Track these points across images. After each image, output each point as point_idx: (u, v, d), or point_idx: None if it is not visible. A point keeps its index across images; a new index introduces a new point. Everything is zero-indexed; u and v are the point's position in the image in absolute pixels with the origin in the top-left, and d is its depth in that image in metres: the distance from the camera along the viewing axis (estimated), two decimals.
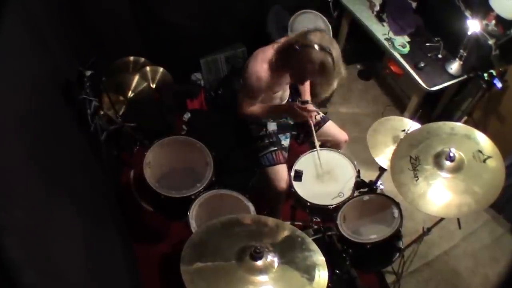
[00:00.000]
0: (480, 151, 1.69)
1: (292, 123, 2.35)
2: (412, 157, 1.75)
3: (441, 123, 1.84)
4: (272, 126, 2.27)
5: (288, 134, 2.34)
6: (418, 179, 1.70)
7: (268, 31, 2.92)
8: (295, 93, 2.36)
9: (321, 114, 2.35)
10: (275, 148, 2.20)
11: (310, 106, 2.07)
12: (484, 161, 1.67)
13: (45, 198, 1.30)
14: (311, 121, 2.12)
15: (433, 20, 2.97)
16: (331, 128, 2.35)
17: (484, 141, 1.73)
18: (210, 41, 3.13)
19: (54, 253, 1.22)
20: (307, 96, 2.26)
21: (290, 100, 2.32)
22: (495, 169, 1.66)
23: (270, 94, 2.08)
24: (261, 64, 1.91)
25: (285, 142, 2.31)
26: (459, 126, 1.82)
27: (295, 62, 1.82)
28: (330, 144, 2.35)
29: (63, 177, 1.56)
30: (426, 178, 1.69)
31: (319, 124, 2.33)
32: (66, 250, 1.33)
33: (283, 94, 2.21)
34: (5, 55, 1.28)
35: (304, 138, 2.39)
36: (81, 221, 1.62)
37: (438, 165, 1.71)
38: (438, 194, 1.66)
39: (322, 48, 1.76)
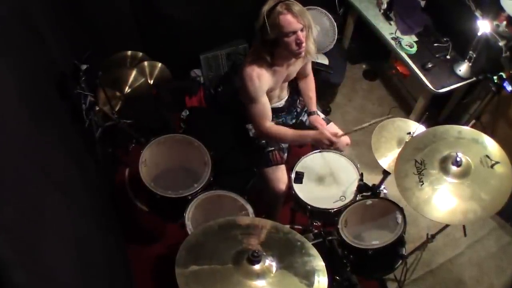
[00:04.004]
0: (487, 156, 1.69)
1: (291, 123, 2.35)
2: (418, 161, 1.75)
3: (448, 126, 1.84)
4: None
5: None
6: (423, 183, 1.70)
7: None
8: (295, 92, 2.36)
9: (322, 116, 2.35)
10: (272, 148, 2.20)
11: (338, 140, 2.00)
12: (492, 166, 1.67)
13: (36, 196, 1.30)
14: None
15: (442, 20, 2.97)
16: (332, 130, 2.34)
17: (492, 146, 1.73)
18: (210, 37, 3.13)
19: (45, 252, 1.22)
20: (313, 106, 2.27)
21: (290, 99, 2.30)
22: (503, 175, 1.65)
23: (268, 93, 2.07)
24: (249, 65, 1.92)
25: None
26: (466, 129, 1.82)
27: (272, 33, 1.82)
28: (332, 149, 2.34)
29: (55, 174, 1.56)
30: (431, 183, 1.69)
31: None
32: (57, 250, 1.33)
33: (281, 93, 2.21)
34: None
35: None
36: (73, 220, 1.62)
37: (444, 170, 1.71)
38: (444, 200, 1.66)
39: (276, 3, 1.81)
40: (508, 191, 1.62)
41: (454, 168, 1.69)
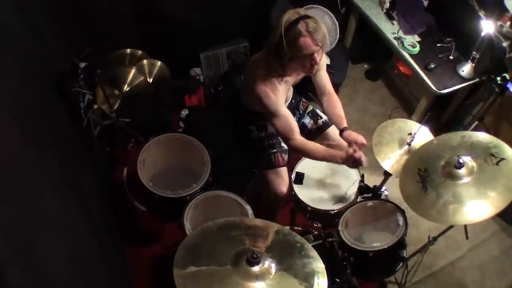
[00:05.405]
0: (492, 155, 1.69)
1: None
2: (421, 169, 1.76)
3: (451, 134, 1.84)
4: (272, 128, 2.26)
5: None
6: (426, 189, 1.70)
7: (272, 25, 2.92)
8: (298, 93, 2.35)
9: (324, 118, 2.34)
10: (275, 150, 2.20)
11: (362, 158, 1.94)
12: (497, 163, 1.66)
13: (33, 195, 1.30)
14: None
15: (445, 20, 2.97)
16: (335, 133, 2.33)
17: (496, 144, 1.72)
18: (211, 35, 3.13)
19: (42, 252, 1.22)
20: (344, 123, 2.13)
21: (293, 101, 2.30)
22: (510, 170, 1.64)
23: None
24: (262, 80, 1.91)
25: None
26: (469, 133, 1.82)
27: (289, 51, 1.80)
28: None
29: (52, 173, 1.56)
30: (435, 188, 1.69)
31: (321, 129, 2.32)
32: (54, 250, 1.33)
33: (286, 95, 2.20)
34: None
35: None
36: (71, 220, 1.62)
37: (448, 174, 1.70)
38: (450, 203, 1.65)
39: (297, 19, 1.77)
40: None
41: (457, 171, 1.69)
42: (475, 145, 1.75)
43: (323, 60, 2.11)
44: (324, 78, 2.17)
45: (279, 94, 1.94)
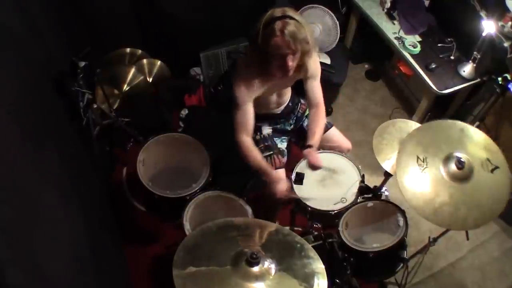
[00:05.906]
0: (488, 160, 1.69)
1: (289, 129, 2.34)
2: (420, 158, 1.75)
3: (450, 122, 1.83)
4: (266, 130, 2.25)
5: (284, 138, 2.33)
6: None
7: None
8: (297, 95, 2.35)
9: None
10: (271, 153, 2.18)
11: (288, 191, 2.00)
12: (492, 171, 1.67)
13: (32, 195, 1.30)
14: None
15: (446, 20, 2.98)
16: (335, 135, 2.33)
17: (493, 149, 1.73)
18: (211, 35, 3.13)
19: (41, 252, 1.23)
20: (313, 140, 2.04)
21: (290, 104, 2.29)
22: (500, 181, 1.65)
23: (261, 99, 2.04)
24: (241, 70, 1.92)
25: (282, 145, 2.28)
26: (469, 128, 1.81)
27: (262, 48, 1.78)
28: (333, 150, 2.34)
29: (52, 173, 1.57)
30: (434, 187, 1.70)
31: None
32: (53, 250, 1.33)
33: (280, 99, 2.18)
34: None
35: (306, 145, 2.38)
36: (70, 220, 1.62)
37: (447, 173, 1.71)
38: (446, 204, 1.66)
39: (278, 17, 1.74)
40: (503, 198, 1.62)
41: (457, 171, 1.69)
42: (474, 145, 1.75)
43: (314, 69, 2.03)
44: (315, 90, 2.09)
45: (253, 91, 1.93)
